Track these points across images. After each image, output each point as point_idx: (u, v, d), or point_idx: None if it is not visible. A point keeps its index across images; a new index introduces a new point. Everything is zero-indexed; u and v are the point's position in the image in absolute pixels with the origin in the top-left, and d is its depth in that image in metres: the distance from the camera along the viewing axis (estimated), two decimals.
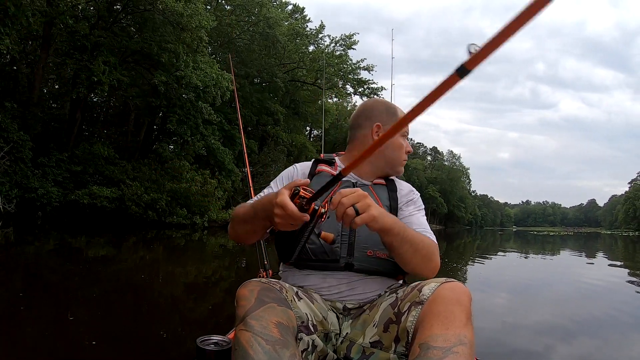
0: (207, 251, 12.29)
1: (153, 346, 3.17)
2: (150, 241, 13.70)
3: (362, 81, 30.89)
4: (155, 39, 18.29)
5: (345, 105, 41.85)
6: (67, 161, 17.68)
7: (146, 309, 4.61)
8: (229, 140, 25.20)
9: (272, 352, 1.11)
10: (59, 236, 12.44)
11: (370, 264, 1.58)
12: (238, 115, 4.43)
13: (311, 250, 1.56)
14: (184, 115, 19.76)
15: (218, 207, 21.52)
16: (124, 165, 19.28)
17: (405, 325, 1.26)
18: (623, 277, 9.26)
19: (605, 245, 25.46)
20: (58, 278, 6.26)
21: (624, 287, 7.69)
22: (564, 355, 3.42)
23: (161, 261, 9.22)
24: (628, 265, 12.35)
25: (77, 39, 17.07)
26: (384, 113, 1.78)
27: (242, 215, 1.50)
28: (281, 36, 25.79)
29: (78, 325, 3.57)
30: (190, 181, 19.78)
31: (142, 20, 19.00)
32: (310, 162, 1.81)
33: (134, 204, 17.90)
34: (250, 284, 1.31)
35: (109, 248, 10.87)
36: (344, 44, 29.80)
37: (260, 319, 1.17)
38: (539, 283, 7.76)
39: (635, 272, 10.48)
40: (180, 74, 18.27)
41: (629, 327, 4.53)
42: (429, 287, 1.27)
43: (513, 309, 5.21)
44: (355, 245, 1.57)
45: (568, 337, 3.98)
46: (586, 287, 7.32)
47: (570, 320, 4.69)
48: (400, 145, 1.77)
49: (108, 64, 17.14)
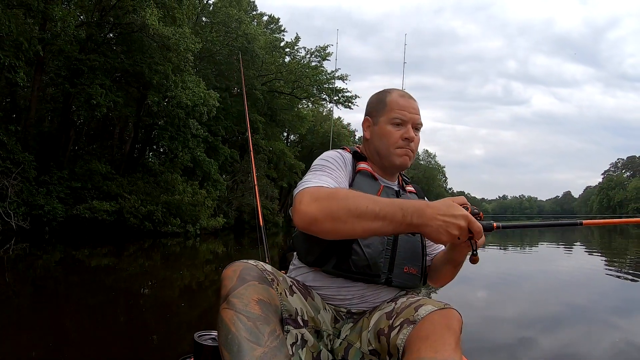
0: (201, 256, 13.69)
1: (153, 342, 3.38)
2: (148, 250, 15.13)
3: (337, 90, 33.06)
4: (145, 61, 20.09)
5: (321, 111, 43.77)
6: (67, 178, 19.39)
7: (147, 309, 4.97)
8: (212, 151, 27.09)
9: (253, 328, 1.18)
10: (65, 249, 13.61)
11: (406, 280, 1.63)
12: (247, 118, 4.67)
13: (354, 262, 1.53)
14: (175, 132, 21.81)
15: (207, 215, 23.44)
16: (120, 180, 21.03)
17: (395, 342, 1.32)
18: (600, 266, 9.65)
19: (582, 235, 26.47)
20: (69, 285, 6.94)
21: (601, 276, 8.02)
22: (547, 345, 3.48)
23: (161, 267, 10.42)
24: (605, 254, 12.91)
25: (74, 63, 18.76)
26: (373, 105, 1.75)
27: (356, 209, 1.27)
28: (259, 50, 27.83)
29: (82, 325, 3.98)
30: (182, 193, 21.69)
31: (131, 41, 20.74)
32: (351, 155, 1.74)
33: (132, 216, 19.70)
34: (234, 265, 1.34)
35: (112, 258, 12.01)
36: (319, 55, 32.06)
37: (241, 296, 1.24)
38: (518, 275, 7.90)
39: (612, 260, 10.98)
40: (170, 94, 20.13)
41: (609, 313, 4.72)
42: (425, 309, 1.32)
43: (493, 302, 5.30)
44: (396, 262, 1.60)
45: (550, 327, 4.11)
46: (565, 277, 7.60)
47: (552, 310, 4.85)
48: (388, 132, 1.67)
49: (104, 87, 18.87)
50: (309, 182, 1.50)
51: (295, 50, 32.81)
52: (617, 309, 4.93)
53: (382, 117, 1.69)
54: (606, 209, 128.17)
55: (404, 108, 1.67)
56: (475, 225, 1.21)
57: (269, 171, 33.71)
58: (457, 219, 1.20)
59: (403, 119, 1.66)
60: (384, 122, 1.68)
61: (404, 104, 1.68)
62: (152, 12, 18.31)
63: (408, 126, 1.66)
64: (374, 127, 1.72)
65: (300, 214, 1.34)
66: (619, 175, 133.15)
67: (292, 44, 32.81)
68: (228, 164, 30.13)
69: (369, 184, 1.65)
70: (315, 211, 1.30)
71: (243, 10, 29.27)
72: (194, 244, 18.00)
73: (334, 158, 1.66)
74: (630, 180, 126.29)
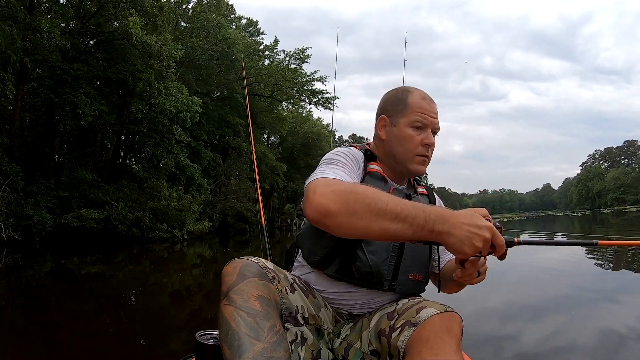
0: (190, 260, 13.99)
1: (154, 342, 3.39)
2: (137, 255, 15.40)
3: (316, 92, 33.72)
4: (128, 69, 20.55)
5: (301, 112, 44.32)
6: (54, 188, 19.84)
7: (146, 312, 5.01)
8: (195, 156, 27.63)
9: (253, 324, 1.19)
10: (55, 259, 13.76)
11: (410, 287, 1.63)
12: (248, 117, 4.66)
13: (356, 268, 1.53)
14: (159, 139, 22.42)
15: (193, 219, 24.07)
16: (106, 188, 21.53)
17: (396, 344, 1.33)
18: (582, 255, 9.81)
19: (563, 226, 27.12)
20: (64, 294, 6.99)
21: (584, 265, 8.20)
22: (532, 335, 3.52)
23: (154, 272, 10.48)
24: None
25: (58, 73, 19.19)
26: (391, 102, 1.68)
27: (375, 205, 1.18)
28: (239, 53, 28.30)
29: (82, 330, 3.98)
30: (168, 198, 22.29)
31: (113, 49, 21.18)
32: (362, 154, 1.69)
33: (120, 223, 20.22)
34: (234, 262, 1.36)
35: (103, 265, 12.11)
36: (297, 58, 32.72)
37: (241, 293, 1.25)
38: (501, 268, 7.74)
39: (593, 249, 11.19)
40: (154, 101, 20.67)
41: (592, 301, 4.81)
42: (427, 312, 1.32)
43: (476, 294, 5.25)
44: (401, 268, 1.59)
45: (536, 317, 4.18)
46: (548, 268, 7.67)
47: (536, 301, 4.89)
48: (408, 136, 1.60)
49: (88, 95, 19.35)
50: (323, 173, 1.42)
51: (275, 53, 33.51)
52: (599, 298, 5.00)
53: (402, 119, 1.62)
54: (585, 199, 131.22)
55: (426, 111, 1.61)
56: (499, 239, 1.15)
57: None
58: (482, 230, 1.13)
59: (425, 122, 1.60)
60: (404, 125, 1.61)
61: (427, 107, 1.62)
62: (134, 20, 18.83)
63: (428, 131, 1.61)
64: (392, 128, 1.64)
65: (314, 204, 1.21)
66: (597, 167, 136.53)
67: (272, 47, 33.51)
68: (211, 168, 30.66)
69: (380, 187, 1.47)
70: (331, 202, 1.19)
71: (222, 15, 29.78)
72: (181, 249, 18.32)
73: (346, 154, 1.61)
74: (608, 171, 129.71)
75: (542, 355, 3.20)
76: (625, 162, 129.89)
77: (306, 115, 46.63)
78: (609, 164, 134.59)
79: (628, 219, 30.00)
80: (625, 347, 3.23)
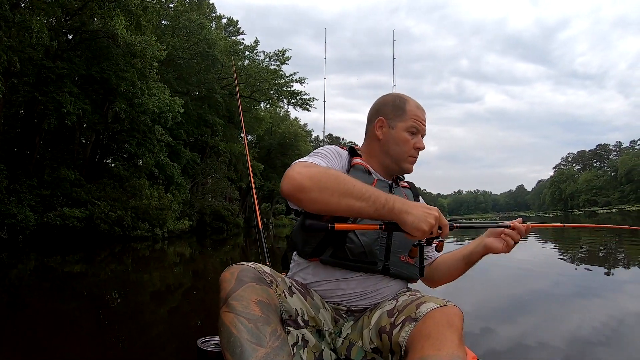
0: (175, 258, 14.00)
1: (154, 348, 3.32)
2: (119, 254, 15.28)
3: (295, 93, 34.49)
4: (111, 68, 20.95)
5: (278, 112, 44.93)
6: (36, 186, 20.18)
7: (147, 313, 4.92)
8: (174, 155, 28.15)
9: (254, 330, 1.24)
10: (38, 257, 13.70)
11: (403, 269, 1.72)
12: (241, 119, 4.82)
13: (349, 250, 1.62)
14: (141, 138, 23.03)
15: (173, 218, 24.70)
16: (88, 187, 21.95)
17: (397, 340, 1.37)
18: (554, 256, 10.13)
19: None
20: (53, 296, 6.83)
21: (556, 264, 8.33)
22: (508, 333, 3.57)
23: (137, 270, 10.49)
24: (558, 244, 13.51)
25: (43, 72, 19.49)
26: (389, 107, 1.84)
27: (344, 184, 1.39)
28: (219, 54, 28.94)
29: (76, 336, 3.86)
30: (149, 197, 22.86)
31: (97, 48, 21.54)
32: (347, 151, 1.85)
33: (102, 221, 20.69)
34: (232, 268, 1.41)
35: (85, 264, 12.01)
36: (277, 59, 33.47)
37: (241, 299, 1.29)
38: (476, 266, 8.74)
39: (566, 249, 11.47)
40: (138, 101, 21.16)
41: (565, 299, 4.88)
42: (427, 306, 1.38)
43: (450, 293, 4.82)
44: (392, 250, 1.69)
45: (511, 316, 4.25)
46: (521, 268, 7.84)
47: (509, 300, 4.95)
48: (405, 139, 1.80)
49: (72, 94, 19.68)
50: (303, 159, 1.62)
51: (255, 53, 34.19)
52: (573, 295, 5.15)
53: (400, 123, 1.81)
54: (558, 201, 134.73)
55: (420, 119, 1.83)
56: (444, 220, 1.39)
57: (228, 173, 34.86)
58: (433, 210, 1.37)
59: (418, 128, 1.81)
60: (402, 129, 1.80)
61: (421, 116, 1.83)
62: (120, 20, 19.27)
63: (419, 136, 1.83)
64: (390, 130, 1.82)
65: (289, 179, 1.38)
66: (569, 169, 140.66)
67: (252, 48, 34.15)
68: (190, 167, 31.17)
69: (363, 177, 1.70)
70: (305, 179, 1.36)
71: (203, 14, 30.34)
72: (162, 247, 18.45)
73: (330, 149, 1.77)
74: (580, 173, 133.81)
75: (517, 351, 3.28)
76: (597, 165, 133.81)
77: (284, 115, 47.25)
78: (582, 167, 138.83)
79: (599, 219, 30.50)
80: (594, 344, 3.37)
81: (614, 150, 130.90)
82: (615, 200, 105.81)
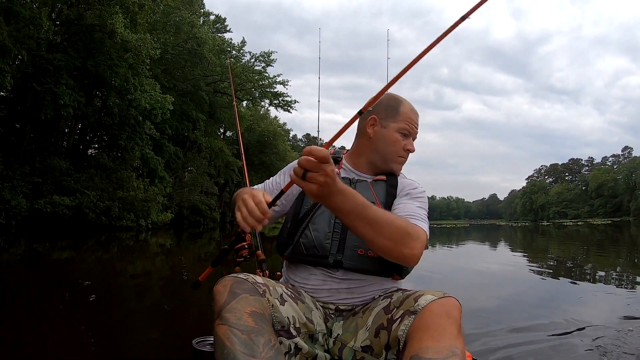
0: (157, 248, 14.35)
1: (148, 348, 3.32)
2: (105, 243, 15.82)
3: (278, 94, 36.01)
4: (106, 62, 22.20)
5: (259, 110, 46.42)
6: (28, 173, 21.38)
7: (141, 311, 4.83)
8: (158, 149, 29.46)
9: (247, 341, 1.25)
10: (28, 243, 14.06)
11: (361, 263, 1.67)
12: (236, 120, 4.39)
13: (304, 245, 1.71)
14: (131, 132, 24.48)
15: (157, 210, 26.18)
16: (77, 176, 23.27)
17: (396, 334, 1.37)
18: (524, 263, 10.27)
19: (506, 234, 29.02)
20: (36, 276, 6.97)
21: (525, 272, 8.35)
22: (479, 337, 3.54)
23: (121, 259, 10.54)
24: (527, 252, 13.85)
25: (42, 63, 20.56)
26: (383, 106, 1.85)
27: (233, 200, 1.65)
28: (207, 52, 30.32)
29: (71, 329, 3.77)
30: (136, 189, 24.32)
31: (92, 41, 22.75)
32: None
33: (91, 211, 22.06)
34: (224, 280, 1.42)
35: (73, 251, 12.28)
36: (263, 61, 35.10)
37: (234, 311, 1.31)
38: (444, 272, 8.04)
39: (537, 257, 11.69)
40: (131, 96, 22.54)
41: (533, 306, 4.94)
42: (425, 299, 1.36)
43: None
44: (347, 243, 1.68)
45: (482, 321, 4.17)
46: (490, 274, 7.97)
47: (479, 306, 4.92)
48: (395, 140, 1.82)
49: (68, 86, 20.91)
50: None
51: (241, 53, 35.64)
52: (541, 302, 5.26)
53: (392, 123, 1.84)
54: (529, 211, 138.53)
55: (413, 122, 1.86)
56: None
57: (208, 168, 36.23)
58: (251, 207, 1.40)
59: (410, 131, 1.85)
60: (394, 129, 1.83)
61: (413, 119, 1.87)
62: (119, 19, 20.58)
63: (410, 139, 1.87)
64: (382, 129, 1.85)
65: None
66: (541, 181, 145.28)
67: (239, 48, 35.69)
68: (172, 161, 32.44)
69: None
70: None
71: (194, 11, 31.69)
72: (146, 238, 19.10)
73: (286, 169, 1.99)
74: (552, 185, 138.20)
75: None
76: (569, 179, 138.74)
77: (264, 113, 48.44)
78: (554, 180, 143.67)
79: (567, 232, 30.37)
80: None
81: (586, 165, 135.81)
82: (585, 214, 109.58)
